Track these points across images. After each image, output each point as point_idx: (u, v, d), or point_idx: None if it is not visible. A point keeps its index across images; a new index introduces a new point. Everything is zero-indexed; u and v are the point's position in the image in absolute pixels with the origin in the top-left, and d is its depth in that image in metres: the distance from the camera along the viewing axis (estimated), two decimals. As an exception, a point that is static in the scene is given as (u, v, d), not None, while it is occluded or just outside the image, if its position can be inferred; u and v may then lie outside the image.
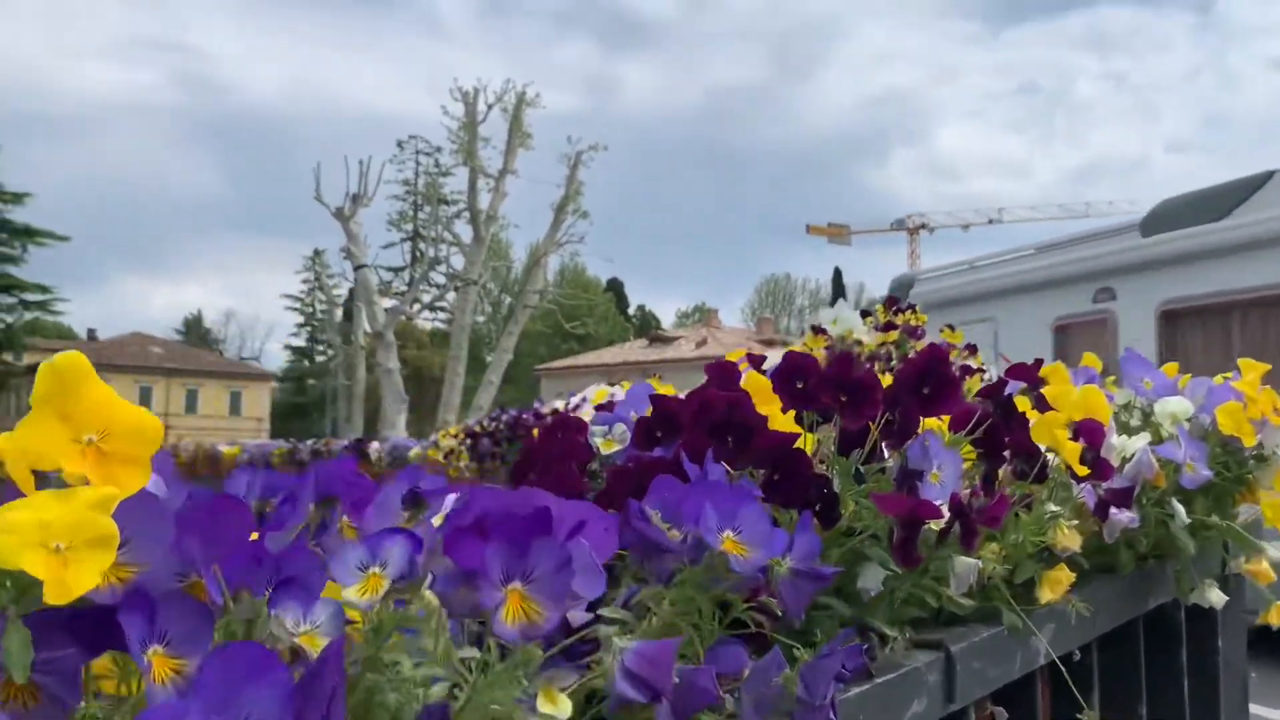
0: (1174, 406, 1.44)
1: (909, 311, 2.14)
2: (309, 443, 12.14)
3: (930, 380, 1.03)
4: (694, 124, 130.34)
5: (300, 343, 76.18)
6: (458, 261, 39.12)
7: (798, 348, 1.83)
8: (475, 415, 34.50)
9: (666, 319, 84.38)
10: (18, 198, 53.16)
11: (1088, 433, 1.19)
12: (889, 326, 2.06)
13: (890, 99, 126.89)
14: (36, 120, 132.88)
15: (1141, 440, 1.34)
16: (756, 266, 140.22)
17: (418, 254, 56.47)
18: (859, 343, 1.94)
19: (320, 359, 70.72)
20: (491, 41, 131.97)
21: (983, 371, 1.74)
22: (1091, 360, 1.62)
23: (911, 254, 67.66)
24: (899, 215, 71.27)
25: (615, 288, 74.47)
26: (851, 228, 72.70)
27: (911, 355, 1.89)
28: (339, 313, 58.19)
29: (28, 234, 53.52)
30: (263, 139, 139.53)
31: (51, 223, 79.76)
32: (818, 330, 2.01)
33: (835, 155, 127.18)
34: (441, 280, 52.07)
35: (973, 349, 2.12)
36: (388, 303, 40.62)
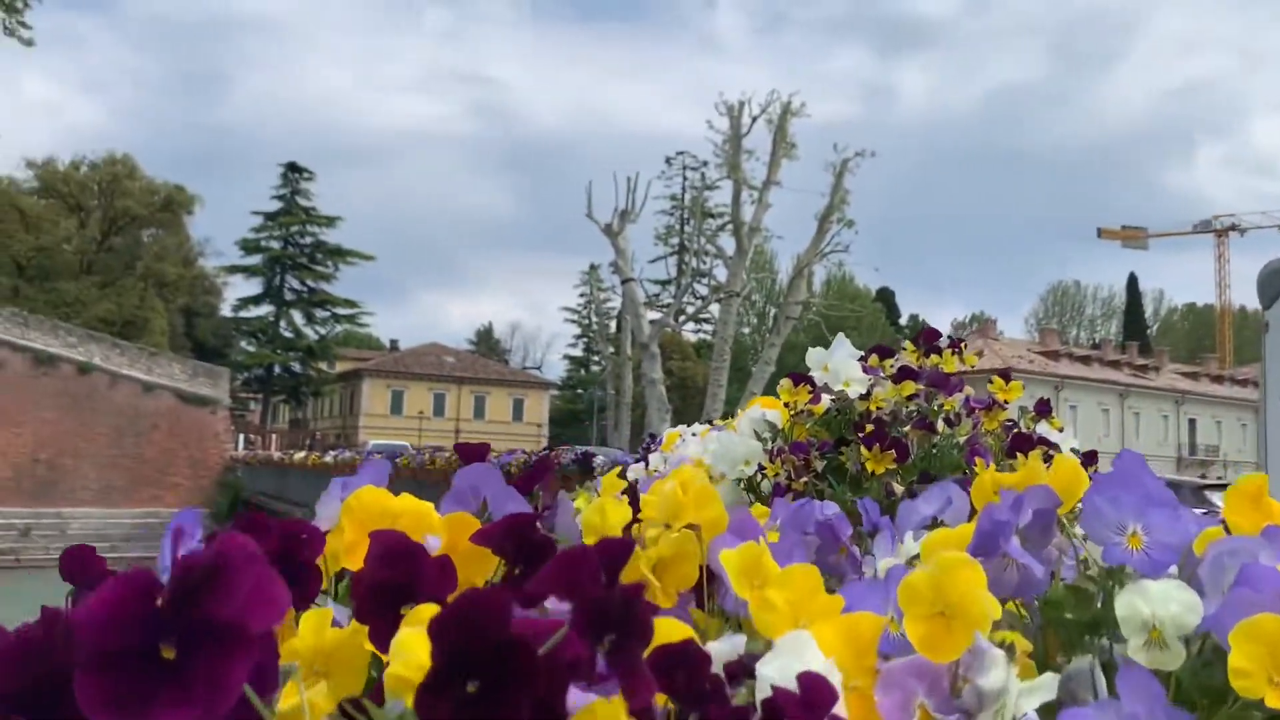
0: (1158, 605, 0.63)
1: (954, 351, 1.49)
2: (536, 453, 12.47)
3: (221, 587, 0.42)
4: (973, 125, 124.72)
5: (577, 353, 79.36)
6: (722, 274, 39.26)
7: (774, 402, 1.42)
8: (737, 427, 34.48)
9: (941, 329, 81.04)
10: (330, 221, 58.74)
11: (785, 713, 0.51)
12: (907, 374, 1.38)
13: (1194, 90, 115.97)
14: (348, 150, 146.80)
15: (1035, 696, 0.58)
16: (1041, 273, 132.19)
17: (683, 267, 57.33)
18: (864, 397, 1.34)
19: (594, 369, 73.26)
20: (765, 55, 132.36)
21: (1052, 448, 1.15)
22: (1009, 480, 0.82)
23: (1219, 257, 61.21)
24: (1204, 216, 64.60)
25: (885, 298, 72.31)
26: (1149, 230, 66.68)
27: (946, 419, 1.39)
28: (611, 325, 60.16)
29: (339, 254, 58.91)
30: (548, 161, 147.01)
31: (360, 243, 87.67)
32: (799, 380, 1.43)
33: (1129, 153, 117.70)
34: (705, 292, 52.19)
35: (1044, 409, 1.44)
36: (653, 315, 41.50)
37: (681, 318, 46.13)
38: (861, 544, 0.90)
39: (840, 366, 1.38)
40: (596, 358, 68.76)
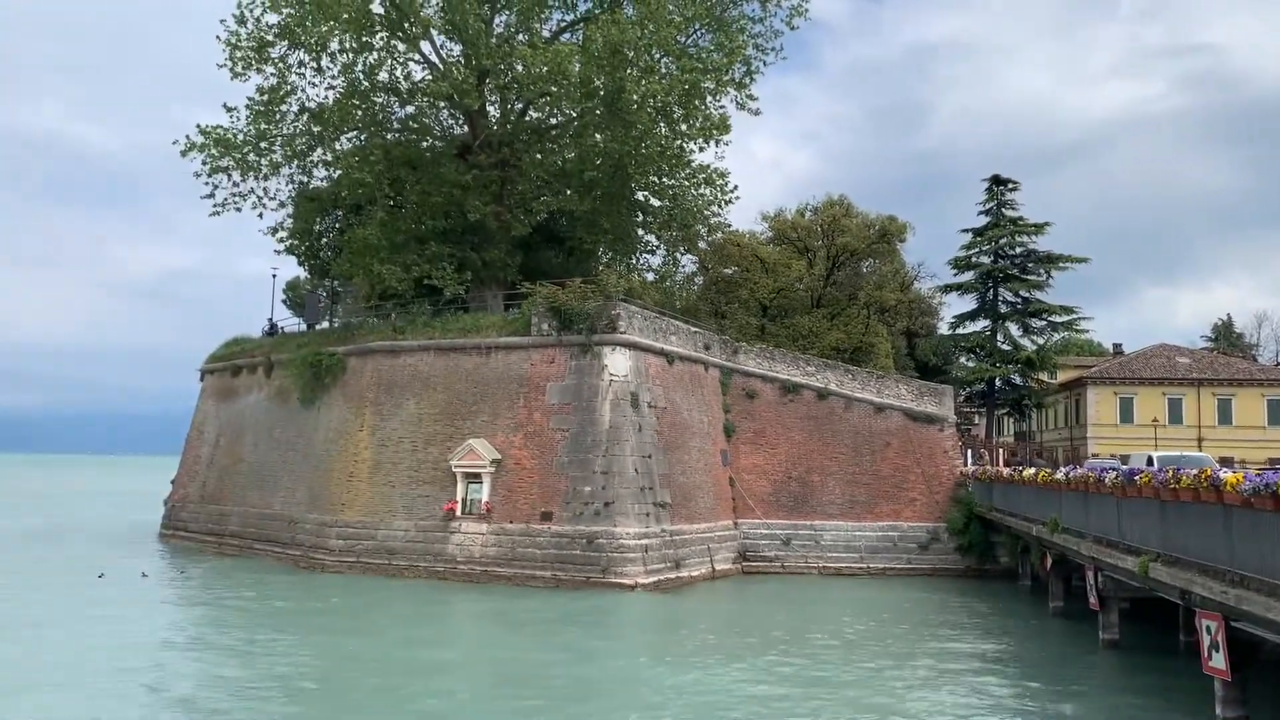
0: None
1: None
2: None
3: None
4: None
5: (1350, 341, 66.75)
6: None
7: None
8: None
9: None
10: (1039, 228, 57.25)
11: None
12: None
13: None
14: (1051, 152, 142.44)
15: None
16: None
17: None
18: None
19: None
20: None
21: None
22: None
23: None
24: None
25: None
26: None
27: None
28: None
29: (1050, 260, 57.15)
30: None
31: (1072, 246, 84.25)
32: None
33: None
34: None
35: None
36: None
37: None
38: None
39: None
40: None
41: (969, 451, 46.11)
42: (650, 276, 51.69)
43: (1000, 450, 50.96)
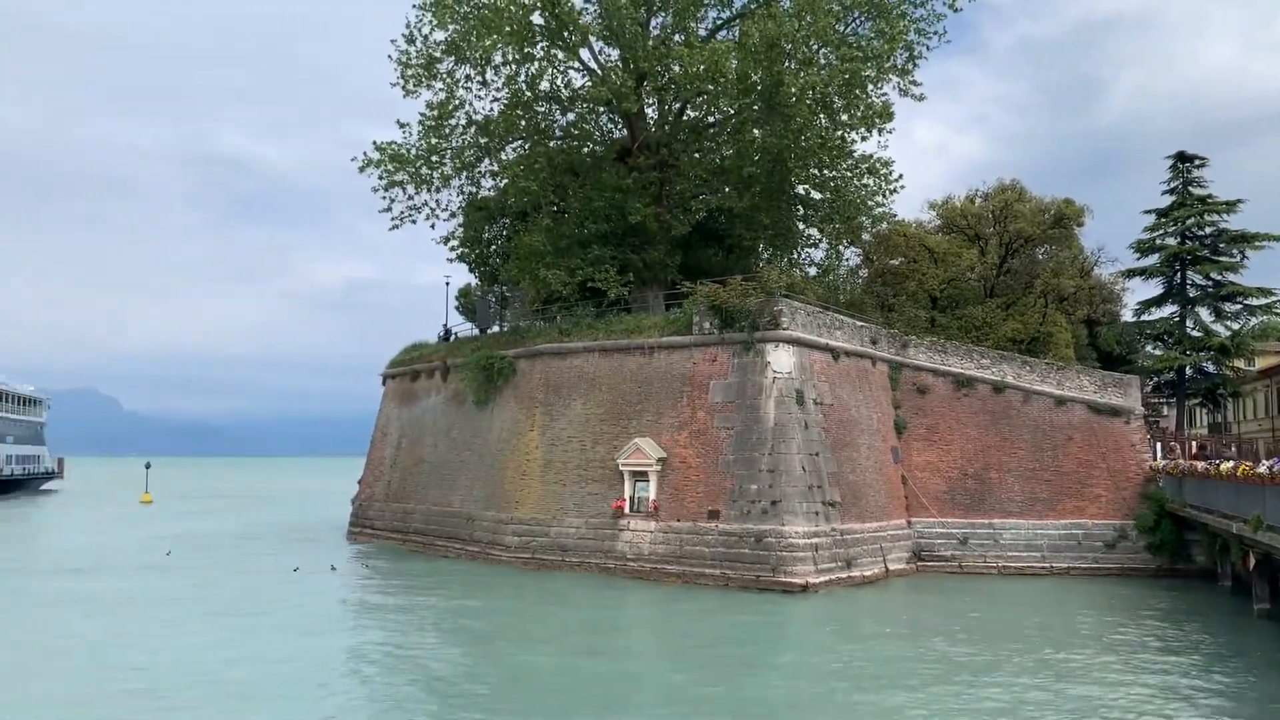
0: None
1: None
2: None
3: None
4: None
5: None
6: None
7: None
8: None
9: None
10: (1230, 206, 53.44)
11: None
12: None
13: None
14: (1241, 125, 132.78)
15: None
16: None
17: None
18: None
19: None
20: None
21: None
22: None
23: None
24: None
25: None
26: None
27: None
28: None
29: (1244, 240, 53.27)
30: None
31: (1267, 224, 78.21)
32: None
33: None
34: None
35: None
36: None
37: None
38: None
39: None
40: None
41: (1157, 445, 43.56)
42: (812, 271, 51.01)
43: (1190, 443, 47.92)
